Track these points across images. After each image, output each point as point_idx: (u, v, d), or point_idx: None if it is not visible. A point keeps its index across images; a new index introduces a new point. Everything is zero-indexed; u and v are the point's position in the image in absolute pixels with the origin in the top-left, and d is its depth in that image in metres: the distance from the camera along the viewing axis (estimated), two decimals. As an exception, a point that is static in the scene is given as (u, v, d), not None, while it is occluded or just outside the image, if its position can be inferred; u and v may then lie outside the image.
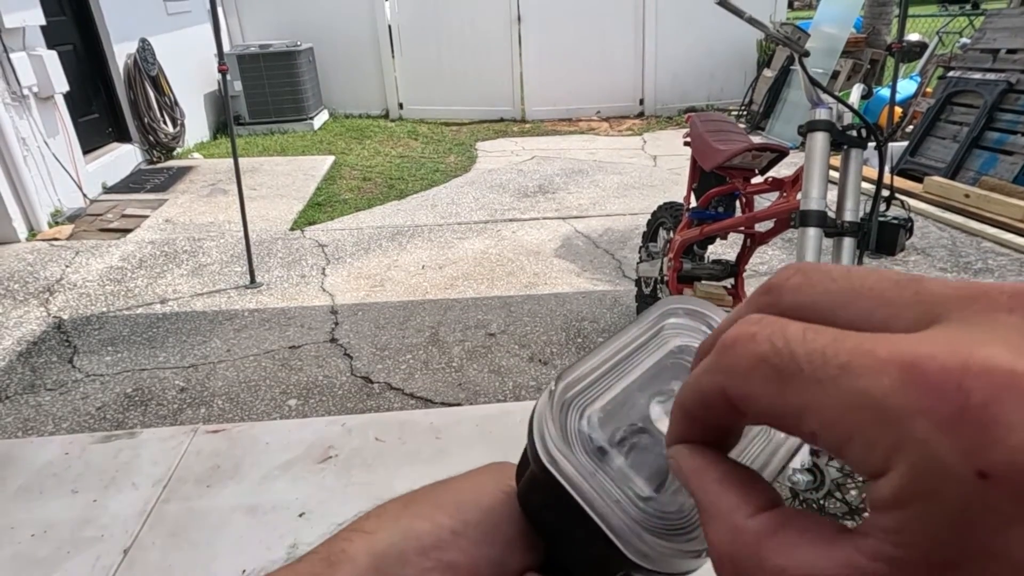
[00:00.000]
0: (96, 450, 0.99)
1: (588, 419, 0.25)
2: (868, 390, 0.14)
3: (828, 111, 1.75)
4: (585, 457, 0.24)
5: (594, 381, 0.26)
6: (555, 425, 0.24)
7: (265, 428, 1.00)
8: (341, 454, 0.95)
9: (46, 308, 3.54)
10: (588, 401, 0.25)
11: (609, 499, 0.23)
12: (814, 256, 1.71)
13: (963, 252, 3.83)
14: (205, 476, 0.90)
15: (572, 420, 0.25)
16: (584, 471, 0.23)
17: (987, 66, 4.93)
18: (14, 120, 4.31)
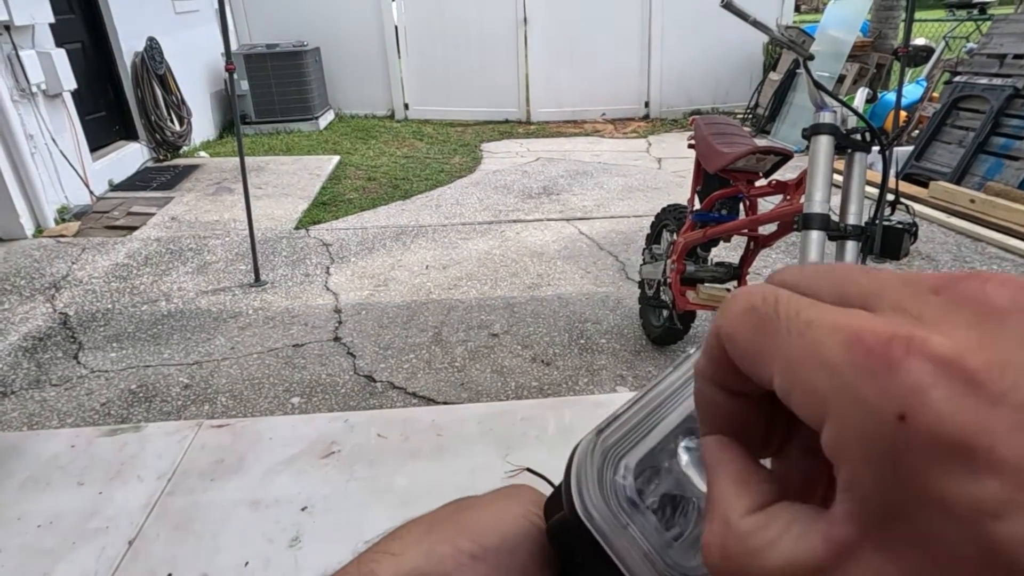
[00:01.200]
0: (102, 443, 1.00)
1: (624, 470, 0.25)
2: (819, 344, 0.16)
3: (832, 114, 1.75)
4: (619, 509, 0.24)
5: (631, 430, 0.26)
6: (594, 476, 0.25)
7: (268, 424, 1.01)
8: (343, 450, 0.96)
9: (52, 304, 3.56)
10: (625, 451, 0.26)
11: (638, 553, 0.24)
12: (817, 259, 1.72)
13: (967, 257, 3.83)
14: (209, 470, 0.91)
15: (608, 471, 0.25)
16: (617, 525, 0.24)
17: (994, 71, 4.92)
18: (22, 117, 4.33)
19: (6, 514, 0.84)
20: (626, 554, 0.24)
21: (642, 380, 2.80)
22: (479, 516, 0.29)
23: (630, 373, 2.86)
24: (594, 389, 2.78)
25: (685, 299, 2.46)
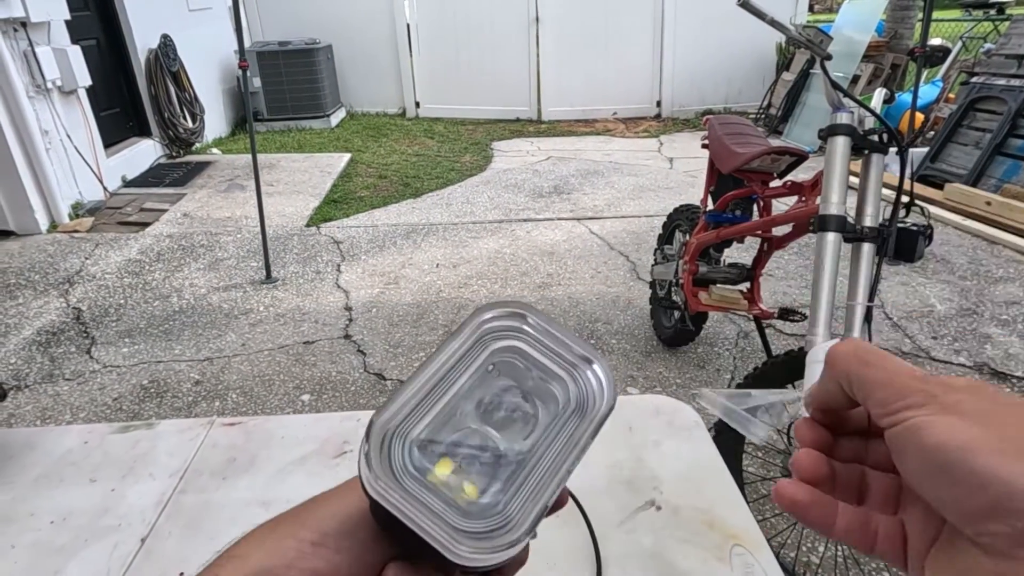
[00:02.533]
0: (114, 440, 0.99)
1: (411, 445, 0.28)
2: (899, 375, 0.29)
3: (850, 115, 1.73)
4: (411, 483, 0.27)
5: (418, 404, 0.29)
6: (377, 460, 0.27)
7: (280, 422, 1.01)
8: (355, 449, 0.95)
9: (66, 299, 3.58)
10: (412, 425, 0.28)
11: (432, 518, 0.26)
12: (832, 261, 1.70)
13: (983, 261, 3.78)
14: (221, 468, 0.91)
15: (396, 449, 0.28)
16: (407, 497, 0.26)
17: (1012, 72, 4.86)
18: (37, 113, 4.36)
19: (19, 510, 0.84)
20: (421, 522, 0.26)
21: (653, 381, 2.79)
22: (318, 508, 0.31)
23: (640, 374, 2.85)
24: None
25: (697, 300, 2.44)
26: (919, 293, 3.44)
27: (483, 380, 0.30)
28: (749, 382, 1.88)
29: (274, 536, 0.30)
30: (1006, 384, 2.65)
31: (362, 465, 0.27)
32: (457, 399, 0.29)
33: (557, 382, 0.31)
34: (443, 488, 0.28)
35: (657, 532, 0.79)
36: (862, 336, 1.75)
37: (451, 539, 0.26)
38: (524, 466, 0.29)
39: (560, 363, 0.31)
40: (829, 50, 2.37)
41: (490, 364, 0.30)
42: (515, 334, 0.31)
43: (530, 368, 0.31)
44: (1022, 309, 3.23)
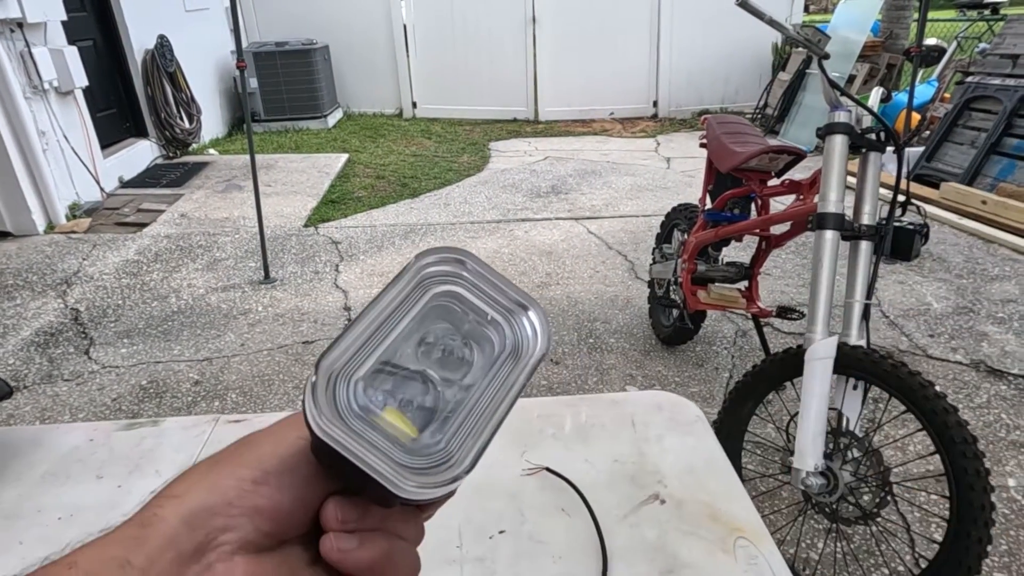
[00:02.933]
0: (120, 437, 1.00)
1: (356, 385, 0.29)
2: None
3: (847, 114, 1.74)
4: (355, 421, 0.28)
5: (362, 345, 0.30)
6: (323, 397, 0.28)
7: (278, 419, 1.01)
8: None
9: (64, 300, 3.58)
10: (356, 366, 0.29)
11: (377, 454, 0.27)
12: (831, 259, 1.71)
13: (979, 259, 3.80)
14: (227, 465, 0.91)
15: (341, 389, 0.28)
16: (352, 435, 0.27)
17: (1006, 72, 4.88)
18: (34, 113, 4.36)
19: (26, 506, 0.85)
20: (367, 458, 0.27)
21: (652, 380, 2.80)
22: (259, 446, 0.31)
23: (639, 373, 2.86)
24: (603, 388, 2.77)
25: (696, 299, 2.45)
26: (916, 291, 3.46)
27: (422, 323, 0.31)
28: (748, 379, 1.89)
29: (213, 475, 0.30)
30: (1002, 382, 2.67)
31: (309, 405, 0.28)
32: (398, 341, 0.30)
33: (493, 326, 0.32)
34: (386, 426, 0.29)
35: (661, 525, 0.79)
36: (859, 334, 1.76)
37: (396, 474, 0.27)
38: (462, 406, 0.30)
39: (496, 308, 0.32)
40: (826, 49, 2.38)
41: (430, 307, 0.31)
42: (454, 279, 0.32)
43: (467, 312, 0.32)
44: (1018, 307, 3.25)
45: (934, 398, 1.54)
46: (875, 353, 1.66)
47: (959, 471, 1.49)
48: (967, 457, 1.48)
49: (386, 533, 0.31)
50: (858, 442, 1.71)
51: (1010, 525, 1.99)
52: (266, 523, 0.29)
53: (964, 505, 1.47)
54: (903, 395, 1.59)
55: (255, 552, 0.29)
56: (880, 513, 1.70)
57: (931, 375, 2.74)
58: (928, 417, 1.54)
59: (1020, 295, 3.36)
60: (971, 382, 2.68)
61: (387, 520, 0.31)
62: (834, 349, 1.66)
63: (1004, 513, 2.04)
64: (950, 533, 1.50)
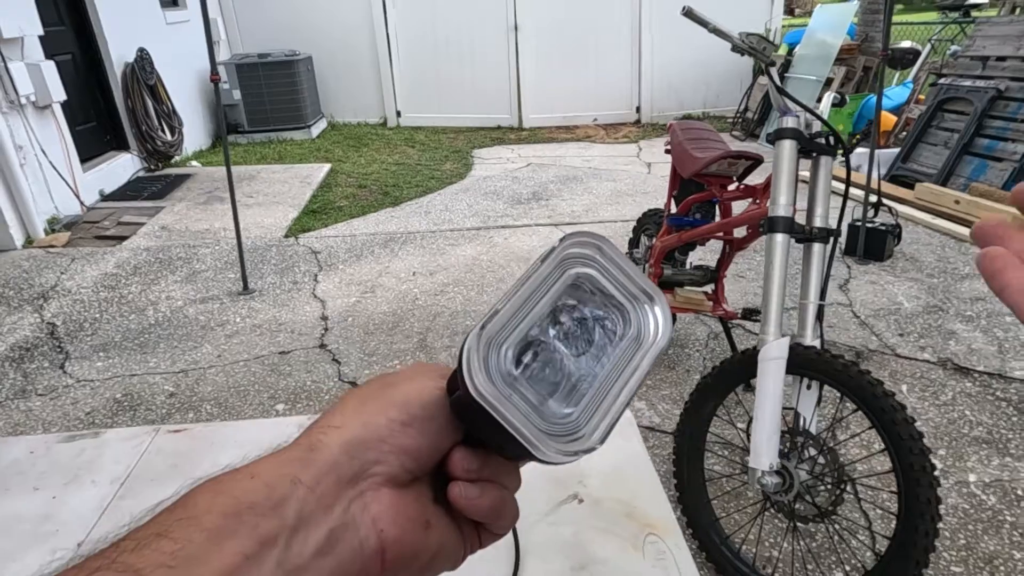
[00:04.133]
0: (60, 449, 1.01)
1: (505, 353, 0.32)
2: None
3: (796, 119, 1.78)
4: (503, 385, 0.31)
5: (512, 316, 0.33)
6: (479, 362, 0.31)
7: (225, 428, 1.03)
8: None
9: (40, 315, 3.58)
10: (505, 336, 0.32)
11: (521, 416, 0.31)
12: (781, 261, 1.74)
13: (950, 258, 3.85)
14: (162, 475, 0.93)
15: (493, 355, 0.32)
16: (502, 398, 0.31)
17: (977, 73, 4.96)
18: (11, 128, 4.36)
19: (-39, 518, 0.86)
20: (512, 417, 0.30)
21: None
22: (402, 390, 0.35)
23: (612, 376, 2.88)
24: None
25: (663, 302, 2.48)
26: (887, 291, 3.50)
27: (558, 299, 0.34)
28: (708, 380, 1.92)
29: (366, 412, 0.34)
30: (967, 379, 2.71)
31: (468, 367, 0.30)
32: (540, 317, 0.33)
33: (619, 311, 0.35)
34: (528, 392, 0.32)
35: (578, 523, 0.82)
36: (813, 335, 1.79)
37: (539, 438, 0.30)
38: (591, 381, 0.33)
39: (625, 294, 0.35)
40: (799, 53, 2.43)
41: (565, 286, 0.34)
42: (590, 262, 0.35)
43: (597, 293, 0.35)
44: (986, 305, 3.29)
45: (882, 396, 1.57)
46: (827, 353, 1.69)
47: (906, 467, 1.52)
48: (913, 453, 1.51)
49: (498, 484, 0.35)
50: (814, 440, 1.74)
51: (968, 520, 2.02)
52: (409, 461, 0.33)
53: (911, 499, 1.50)
54: (853, 394, 1.62)
55: (396, 486, 0.33)
56: (836, 511, 1.72)
57: (899, 374, 2.78)
58: (876, 415, 1.57)
59: (989, 293, 3.41)
60: (937, 380, 2.72)
61: (499, 471, 0.35)
62: (786, 350, 1.69)
63: (964, 508, 2.07)
64: (898, 527, 1.53)
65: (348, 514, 0.31)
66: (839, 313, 3.30)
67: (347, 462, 0.32)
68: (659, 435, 2.49)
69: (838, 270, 3.78)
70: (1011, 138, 4.53)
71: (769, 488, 1.68)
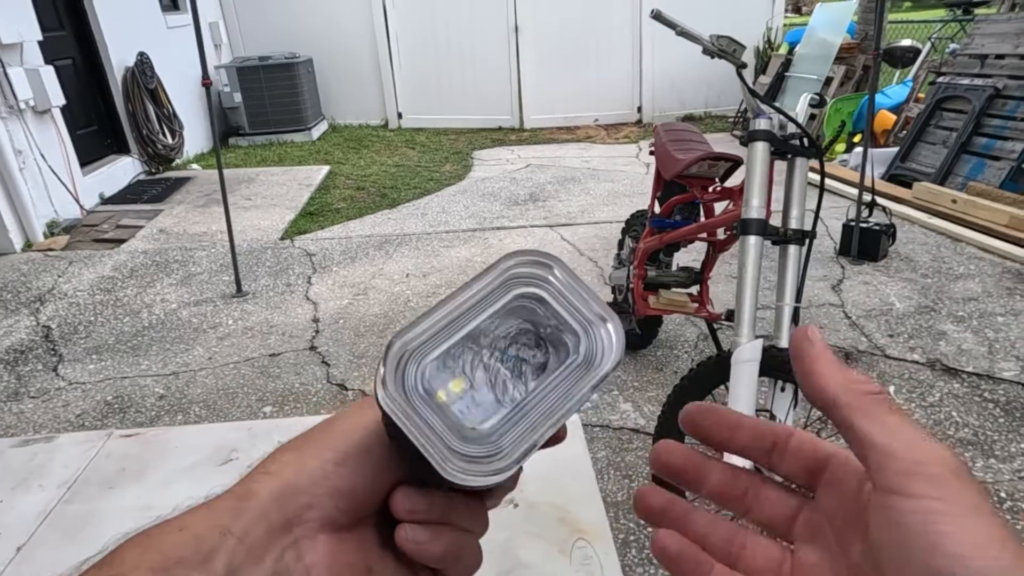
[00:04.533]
0: (12, 454, 1.03)
1: (426, 367, 0.31)
2: None
3: (768, 121, 1.77)
4: (418, 400, 0.30)
5: (439, 331, 0.31)
6: (392, 374, 0.30)
7: (176, 433, 1.05)
8: (242, 457, 0.99)
9: (36, 318, 3.61)
10: (429, 350, 0.31)
11: (430, 433, 0.29)
12: (754, 264, 1.74)
13: (945, 258, 3.83)
14: (110, 479, 0.94)
15: (411, 368, 0.30)
16: (409, 410, 0.29)
17: (975, 71, 4.92)
18: (10, 133, 4.41)
19: (-93, 523, 0.88)
20: (417, 431, 0.29)
21: (610, 384, 2.82)
22: (339, 428, 0.33)
23: (599, 378, 2.88)
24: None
25: (646, 304, 2.48)
26: (880, 292, 3.48)
27: (502, 320, 0.32)
28: (684, 384, 1.91)
29: (300, 456, 0.32)
30: (955, 380, 2.69)
31: (377, 378, 0.29)
32: (475, 334, 0.32)
33: (570, 334, 0.33)
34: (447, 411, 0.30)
35: (512, 528, 0.82)
36: (789, 337, 1.78)
37: (444, 456, 0.29)
38: (525, 405, 0.31)
39: (576, 317, 0.33)
40: (799, 53, 2.42)
41: (510, 307, 0.32)
42: (539, 282, 0.33)
43: (548, 317, 0.33)
44: (979, 305, 3.27)
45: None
46: (800, 355, 1.68)
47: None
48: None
49: (454, 527, 0.33)
50: (788, 443, 1.74)
51: (950, 522, 2.01)
52: (344, 502, 0.32)
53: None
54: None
55: (336, 530, 0.32)
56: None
57: (887, 375, 2.76)
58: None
59: (982, 293, 3.39)
60: (925, 381, 2.70)
61: (453, 511, 0.33)
62: (759, 352, 1.68)
63: (945, 511, 2.05)
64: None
65: (281, 563, 0.30)
66: (830, 314, 3.29)
67: (278, 509, 0.31)
68: (644, 437, 2.49)
69: (832, 271, 3.76)
70: (1009, 136, 4.50)
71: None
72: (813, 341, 0.30)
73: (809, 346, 0.30)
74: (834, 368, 0.29)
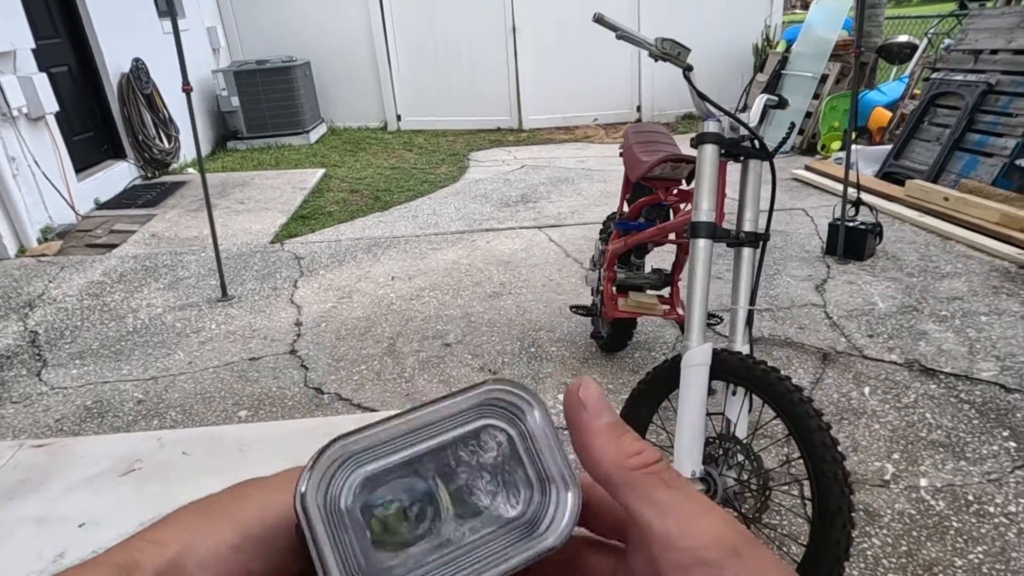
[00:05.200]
0: (-78, 464, 1.04)
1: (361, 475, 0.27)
2: None
3: (717, 123, 1.76)
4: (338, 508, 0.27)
5: (387, 440, 0.28)
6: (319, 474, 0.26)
7: (86, 443, 1.06)
8: (145, 467, 0.99)
9: (24, 323, 3.66)
10: (372, 458, 0.27)
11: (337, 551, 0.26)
12: (704, 266, 1.73)
13: (933, 257, 3.79)
14: (11, 490, 0.95)
15: (345, 472, 0.27)
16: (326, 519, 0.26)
17: (969, 67, 4.86)
18: (3, 140, 4.46)
19: None
20: (323, 543, 0.26)
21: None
22: (252, 503, 0.29)
23: (575, 380, 2.87)
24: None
25: (615, 306, 2.47)
26: (863, 291, 3.45)
27: (459, 447, 0.29)
28: (641, 387, 1.91)
29: (196, 525, 0.28)
30: (932, 381, 2.66)
31: (302, 475, 0.26)
32: (428, 453, 0.28)
33: (525, 487, 0.30)
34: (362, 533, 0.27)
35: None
36: (743, 341, 1.77)
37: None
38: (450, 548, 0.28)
39: (538, 471, 0.29)
40: (795, 50, 2.41)
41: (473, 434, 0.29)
42: (515, 418, 0.29)
43: (508, 460, 0.29)
44: (963, 304, 3.23)
45: (799, 403, 1.55)
46: (750, 359, 1.67)
47: (819, 474, 1.50)
48: (825, 460, 1.49)
49: None
50: (741, 446, 1.73)
51: (914, 525, 1.99)
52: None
53: (823, 507, 1.48)
54: (771, 399, 1.60)
55: None
56: (761, 518, 1.71)
57: (863, 375, 2.74)
58: (792, 421, 1.56)
59: (967, 292, 3.35)
60: (902, 382, 2.68)
61: None
62: (708, 356, 1.67)
63: (910, 513, 2.03)
64: (811, 535, 1.52)
65: None
66: (811, 314, 3.26)
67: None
68: (613, 440, 2.48)
69: (816, 270, 3.73)
70: (1002, 133, 4.44)
71: (692, 495, 1.66)
72: (586, 404, 0.27)
73: (580, 412, 0.27)
74: (607, 439, 0.27)
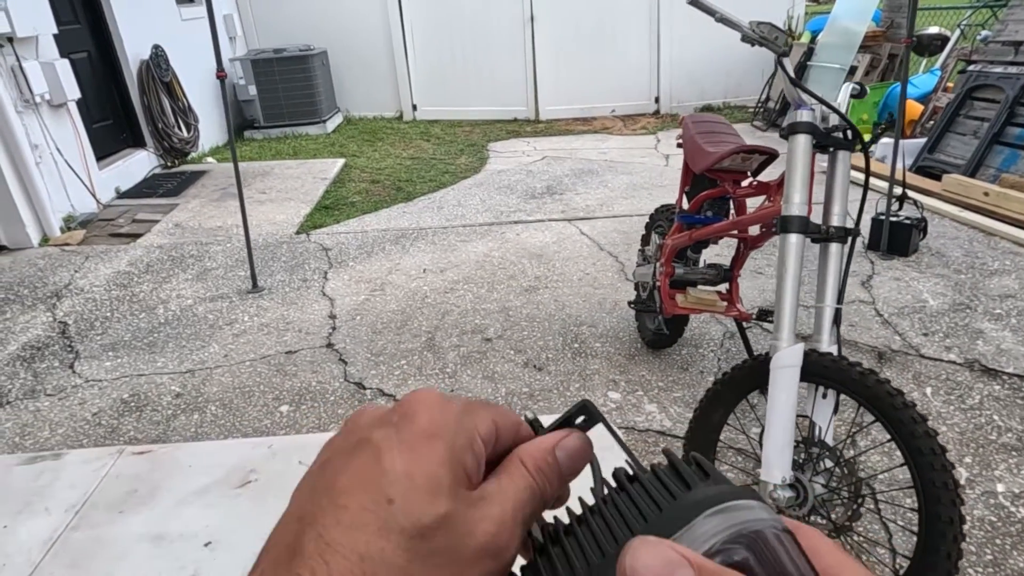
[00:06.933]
0: (19, 472, 0.97)
1: None
2: None
3: (811, 112, 1.68)
4: None
5: None
6: None
7: (190, 450, 0.99)
8: (261, 478, 0.92)
9: (52, 313, 3.59)
10: None
11: None
12: (795, 263, 1.65)
13: (979, 253, 3.70)
14: (119, 501, 0.88)
15: None
16: None
17: (1009, 59, 4.76)
18: (26, 127, 4.38)
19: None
20: None
21: (635, 385, 2.75)
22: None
23: (623, 378, 2.80)
24: (586, 394, 2.72)
25: (673, 302, 2.40)
26: (912, 288, 3.37)
27: None
28: (717, 388, 1.83)
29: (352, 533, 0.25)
30: (996, 382, 2.59)
31: None
32: None
33: None
34: None
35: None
36: (831, 340, 1.70)
37: None
38: None
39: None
40: (821, 41, 2.34)
41: None
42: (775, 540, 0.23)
43: None
44: (1017, 302, 3.15)
45: (902, 407, 1.48)
46: (843, 360, 1.60)
47: (927, 483, 1.43)
48: (935, 469, 1.42)
49: None
50: (830, 452, 1.66)
51: (996, 533, 1.92)
52: None
53: (932, 518, 1.41)
54: (871, 404, 1.53)
55: None
56: (853, 526, 1.64)
57: (923, 376, 2.66)
58: (896, 427, 1.48)
59: (1020, 290, 3.27)
60: (964, 382, 2.60)
61: None
62: (800, 357, 1.60)
63: (991, 520, 1.96)
64: (919, 547, 1.45)
65: None
66: (861, 311, 3.18)
67: None
68: (670, 440, 2.41)
69: (861, 266, 3.65)
70: (1044, 127, 4.35)
71: (782, 502, 1.60)
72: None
73: None
74: None
